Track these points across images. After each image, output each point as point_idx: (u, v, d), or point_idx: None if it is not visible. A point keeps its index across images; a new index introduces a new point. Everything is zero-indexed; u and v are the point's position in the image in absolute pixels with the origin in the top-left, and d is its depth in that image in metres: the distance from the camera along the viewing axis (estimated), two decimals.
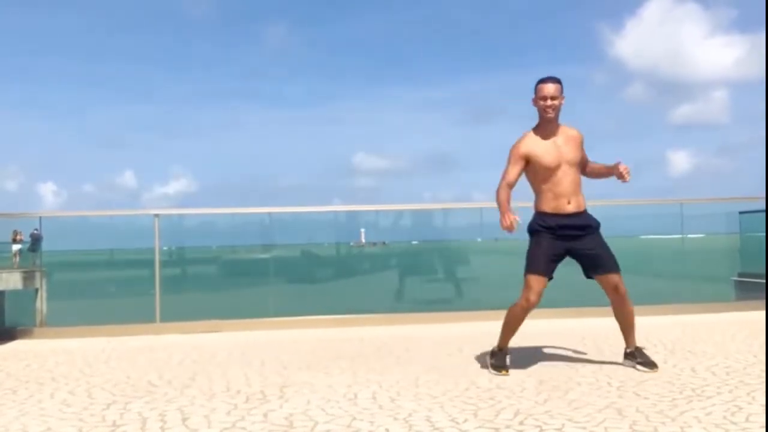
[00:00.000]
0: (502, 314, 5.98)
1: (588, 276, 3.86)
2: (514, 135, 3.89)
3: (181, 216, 7.13)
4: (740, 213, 8.38)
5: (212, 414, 2.97)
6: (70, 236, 7.14)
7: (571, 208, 3.75)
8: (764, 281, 6.62)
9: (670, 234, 7.65)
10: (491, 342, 4.70)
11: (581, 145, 3.84)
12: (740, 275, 8.34)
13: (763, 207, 7.07)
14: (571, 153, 3.75)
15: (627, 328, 3.93)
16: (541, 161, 3.74)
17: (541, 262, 3.74)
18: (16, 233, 13.60)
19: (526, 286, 3.74)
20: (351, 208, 7.56)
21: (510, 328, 3.93)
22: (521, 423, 2.71)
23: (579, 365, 3.86)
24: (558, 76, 3.78)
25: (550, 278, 3.80)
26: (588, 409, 2.90)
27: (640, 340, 4.60)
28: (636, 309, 6.08)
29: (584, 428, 2.62)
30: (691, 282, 7.89)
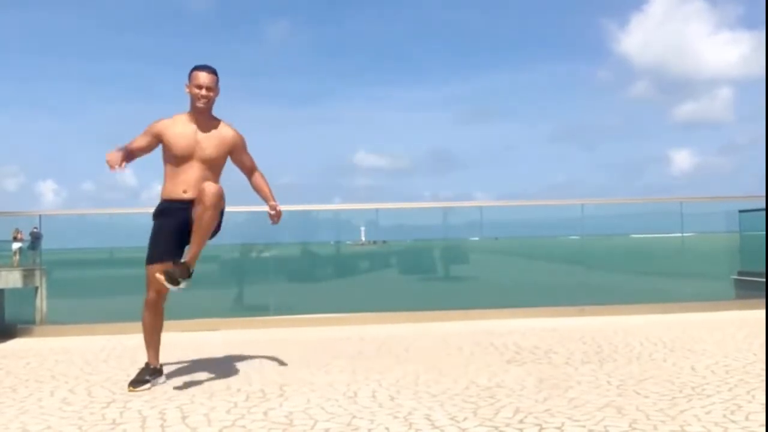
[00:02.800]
0: (502, 312, 6.06)
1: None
2: (516, 133, 3.90)
3: None
4: (740, 212, 8.38)
5: (212, 412, 2.97)
6: (69, 235, 7.14)
7: (186, 196, 3.52)
8: (764, 280, 6.62)
9: (670, 232, 7.66)
10: (491, 340, 4.71)
11: (234, 148, 3.66)
12: (740, 274, 8.34)
13: (763, 206, 7.07)
14: (209, 150, 3.56)
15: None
16: (172, 147, 3.54)
17: (156, 252, 3.55)
18: (16, 231, 13.59)
19: (148, 280, 3.58)
20: (351, 206, 7.56)
21: (145, 336, 3.71)
22: (521, 421, 2.71)
23: (578, 364, 3.86)
24: (558, 73, 3.80)
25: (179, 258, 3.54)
26: (588, 407, 2.90)
27: (640, 339, 4.62)
28: (636, 307, 6.17)
29: (584, 426, 2.62)
30: (690, 280, 7.89)
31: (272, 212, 3.78)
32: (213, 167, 3.64)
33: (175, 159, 3.57)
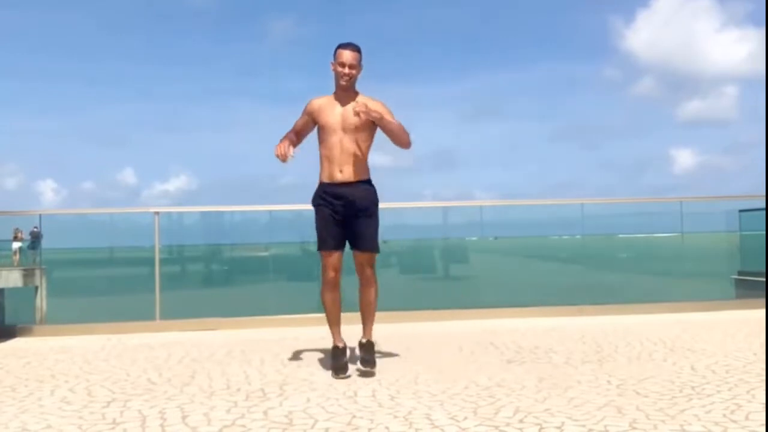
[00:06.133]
0: (502, 312, 6.06)
1: (352, 248, 3.86)
2: (520, 131, 3.88)
3: (181, 214, 7.13)
4: (740, 211, 8.38)
5: (212, 412, 2.97)
6: (70, 234, 7.14)
7: (341, 177, 3.74)
8: (764, 279, 6.62)
9: (670, 232, 7.66)
10: (490, 339, 4.71)
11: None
12: (740, 273, 8.34)
13: (763, 205, 7.07)
14: (353, 120, 3.69)
15: (366, 317, 3.92)
16: (320, 120, 3.77)
17: (326, 237, 3.81)
18: (16, 231, 13.60)
19: (322, 264, 3.84)
20: None
21: (327, 317, 3.92)
22: (521, 421, 2.71)
23: (578, 363, 3.86)
24: (563, 71, 3.76)
25: (343, 248, 3.84)
26: (588, 407, 2.90)
27: (640, 339, 4.62)
28: (636, 307, 6.16)
29: (584, 426, 2.62)
30: (691, 280, 7.89)
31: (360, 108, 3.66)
32: (360, 139, 3.76)
33: (324, 134, 3.79)
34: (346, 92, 3.79)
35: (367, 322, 3.93)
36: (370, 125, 3.77)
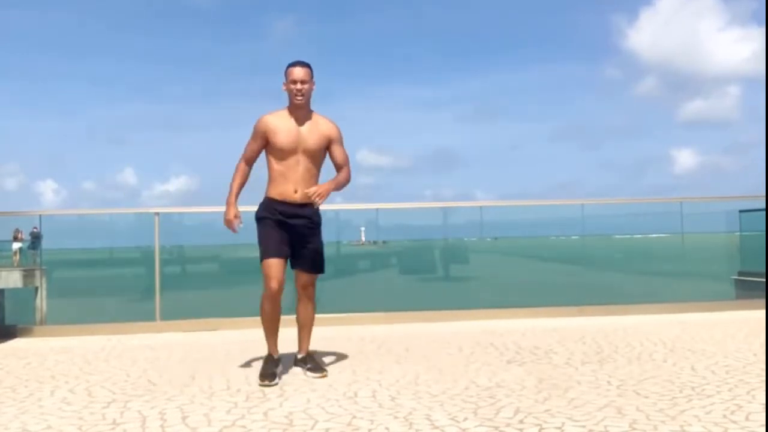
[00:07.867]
0: (502, 312, 6.06)
1: (292, 266, 3.82)
2: (521, 132, 3.88)
3: (181, 214, 7.12)
4: (740, 211, 8.38)
5: (212, 412, 2.97)
6: (70, 234, 7.14)
7: (297, 197, 3.68)
8: (764, 280, 6.62)
9: (671, 232, 7.66)
10: (491, 340, 4.71)
11: (330, 140, 3.75)
12: (740, 274, 8.34)
13: (763, 205, 7.07)
14: (311, 143, 3.67)
15: (303, 332, 3.94)
16: (277, 141, 3.65)
17: (271, 246, 3.67)
18: (16, 232, 13.60)
19: (264, 274, 3.69)
20: (351, 206, 7.55)
21: (266, 327, 3.82)
22: (521, 421, 2.71)
23: (579, 364, 3.86)
24: (565, 71, 3.75)
25: (287, 259, 3.73)
26: (588, 407, 2.90)
27: (640, 339, 4.62)
28: (636, 307, 6.17)
29: (584, 427, 2.62)
30: (691, 280, 7.89)
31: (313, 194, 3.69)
32: (315, 161, 3.74)
33: (281, 154, 3.68)
34: (301, 111, 3.70)
35: (305, 337, 3.96)
36: (325, 148, 3.76)
